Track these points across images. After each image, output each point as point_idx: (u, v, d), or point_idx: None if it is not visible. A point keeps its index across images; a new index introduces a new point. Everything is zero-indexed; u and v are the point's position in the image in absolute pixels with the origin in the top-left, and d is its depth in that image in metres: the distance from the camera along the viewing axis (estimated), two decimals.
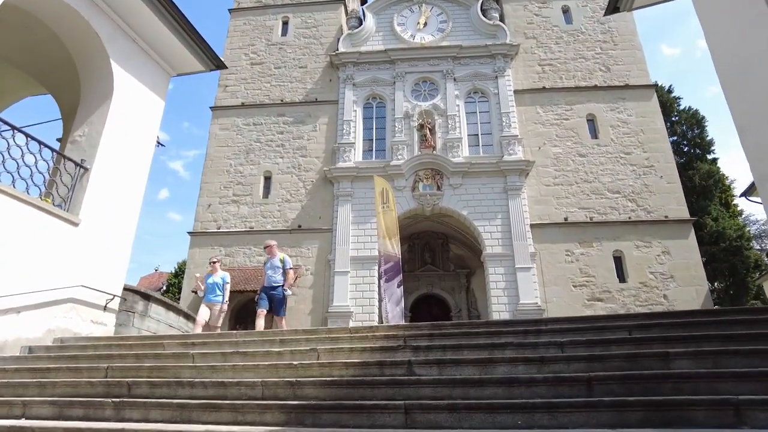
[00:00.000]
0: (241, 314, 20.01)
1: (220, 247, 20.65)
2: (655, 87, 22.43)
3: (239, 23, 24.85)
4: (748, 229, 29.21)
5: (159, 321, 9.66)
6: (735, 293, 26.29)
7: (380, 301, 11.06)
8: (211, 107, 23.18)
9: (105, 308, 7.94)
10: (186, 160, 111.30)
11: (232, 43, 24.49)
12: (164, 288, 34.93)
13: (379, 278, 11.26)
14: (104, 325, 7.95)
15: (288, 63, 23.76)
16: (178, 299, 21.55)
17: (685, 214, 20.28)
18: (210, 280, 9.80)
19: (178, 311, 10.45)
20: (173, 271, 34.83)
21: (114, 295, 8.03)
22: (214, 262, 10.10)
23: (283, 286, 9.13)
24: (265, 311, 9.04)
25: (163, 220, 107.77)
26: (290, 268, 9.30)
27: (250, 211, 21.17)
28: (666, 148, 21.39)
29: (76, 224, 7.63)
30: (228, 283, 9.97)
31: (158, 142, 10.37)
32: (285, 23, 24.74)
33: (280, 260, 9.27)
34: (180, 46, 9.50)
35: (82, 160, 7.95)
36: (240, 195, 21.48)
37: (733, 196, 28.97)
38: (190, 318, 11.20)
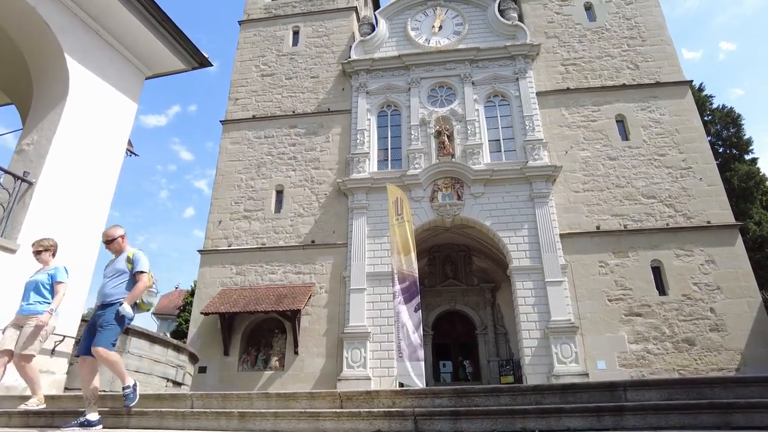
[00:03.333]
0: (253, 336, 18.29)
1: (231, 265, 19.02)
2: (690, 83, 20.12)
3: (249, 35, 23.47)
4: None
5: (141, 357, 7.96)
6: None
7: (396, 322, 9.14)
8: (221, 121, 21.73)
9: (53, 352, 6.26)
10: (210, 179, 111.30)
11: (242, 55, 23.10)
12: (182, 306, 33.64)
13: (393, 299, 9.34)
14: (51, 374, 6.25)
15: (299, 73, 22.22)
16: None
17: (729, 218, 17.89)
18: (31, 278, 5.31)
19: (166, 344, 8.73)
20: (190, 289, 33.46)
21: (64, 336, 6.34)
22: (40, 251, 5.34)
23: (120, 301, 4.73)
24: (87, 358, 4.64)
25: (188, 237, 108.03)
26: (141, 272, 4.96)
27: (261, 227, 19.51)
28: (704, 148, 19.03)
29: (12, 251, 5.98)
30: (61, 282, 5.21)
31: (130, 152, 8.63)
32: (296, 33, 23.26)
33: (128, 260, 5.05)
34: (155, 41, 7.87)
35: (24, 172, 6.31)
36: (251, 210, 19.86)
37: None
38: (182, 350, 9.50)
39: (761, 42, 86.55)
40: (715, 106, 26.85)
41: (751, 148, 26.05)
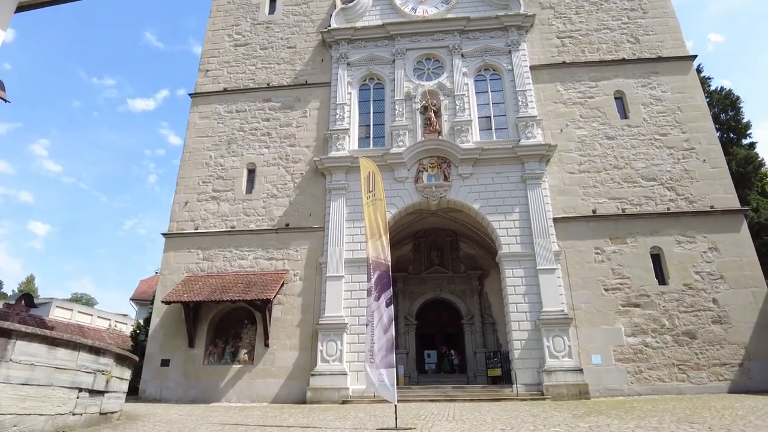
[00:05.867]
0: (221, 327, 16.47)
1: (197, 249, 17.11)
2: (693, 59, 18.40)
3: (222, 2, 21.19)
4: None
5: (34, 365, 6.10)
6: None
7: (370, 322, 7.40)
8: (190, 94, 19.62)
9: None
10: None
11: (215, 23, 20.90)
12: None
13: (368, 295, 7.58)
14: None
15: (275, 43, 20.11)
16: None
17: (734, 203, 16.37)
18: None
19: (76, 346, 6.87)
20: None
21: None
22: None
23: None
24: None
25: None
26: None
27: (231, 209, 17.58)
28: (708, 128, 17.41)
29: None
30: None
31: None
32: (272, 0, 21.12)
33: None
34: None
35: None
36: (220, 190, 17.90)
37: None
38: (103, 352, 7.64)
39: (750, 34, 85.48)
40: (713, 88, 25.22)
41: (749, 132, 24.51)
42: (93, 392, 7.26)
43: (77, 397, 6.84)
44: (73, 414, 6.74)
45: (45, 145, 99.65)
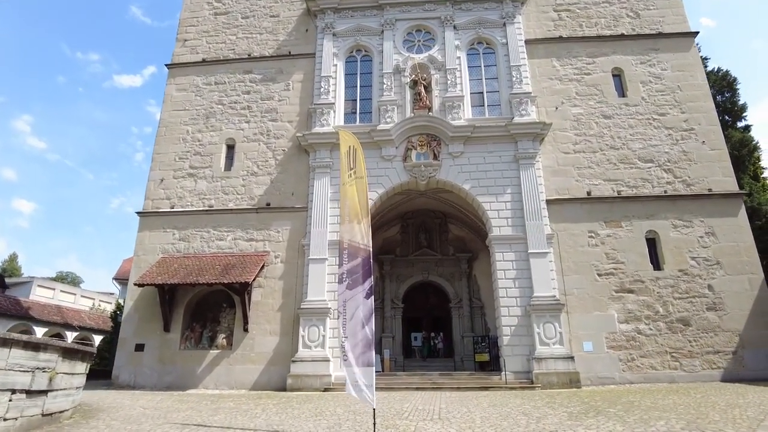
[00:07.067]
0: (198, 311, 15.52)
1: (173, 229, 16.04)
2: (695, 35, 17.43)
3: None
4: None
5: None
6: None
7: (342, 314, 6.50)
8: (167, 65, 18.27)
9: None
10: None
11: None
12: None
13: (339, 283, 6.66)
14: None
15: (257, 12, 18.73)
16: None
17: (732, 186, 15.67)
18: None
19: (6, 342, 5.88)
20: None
21: None
22: None
23: None
24: None
25: None
26: None
27: (209, 187, 16.47)
28: (708, 108, 16.55)
29: None
30: None
31: None
32: None
33: None
34: None
35: None
36: (198, 167, 16.75)
37: (763, 168, 24.14)
38: (44, 348, 6.65)
39: (741, 20, 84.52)
40: (710, 69, 24.26)
41: (744, 114, 23.69)
42: (32, 393, 6.30)
43: (10, 400, 5.88)
44: (5, 419, 5.80)
45: (28, 120, 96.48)
